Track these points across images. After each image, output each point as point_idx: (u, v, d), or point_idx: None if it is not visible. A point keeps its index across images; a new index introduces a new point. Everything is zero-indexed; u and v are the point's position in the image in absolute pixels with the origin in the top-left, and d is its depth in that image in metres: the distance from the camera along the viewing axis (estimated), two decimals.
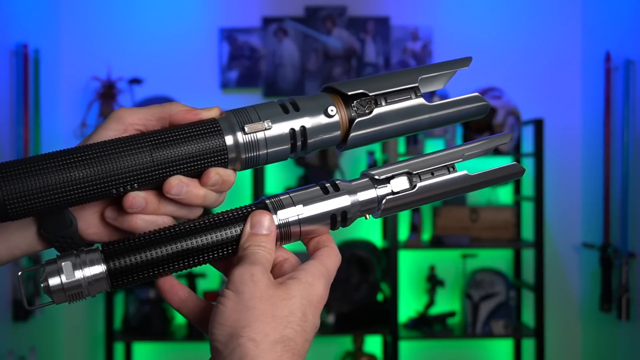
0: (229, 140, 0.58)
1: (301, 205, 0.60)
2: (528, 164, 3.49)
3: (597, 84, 3.33)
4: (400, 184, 0.62)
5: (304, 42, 3.56)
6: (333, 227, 0.62)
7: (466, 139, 3.38)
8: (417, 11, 3.59)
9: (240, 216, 0.59)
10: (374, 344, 3.51)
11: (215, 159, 0.58)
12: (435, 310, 3.42)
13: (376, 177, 0.62)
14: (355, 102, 0.61)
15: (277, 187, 3.42)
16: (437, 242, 3.31)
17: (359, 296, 3.23)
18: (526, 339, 3.46)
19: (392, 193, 0.62)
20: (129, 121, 0.58)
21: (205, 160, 0.58)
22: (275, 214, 0.59)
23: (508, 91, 3.39)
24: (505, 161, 3.50)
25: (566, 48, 3.59)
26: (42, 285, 0.55)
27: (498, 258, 3.56)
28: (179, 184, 0.57)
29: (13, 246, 0.60)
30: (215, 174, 0.58)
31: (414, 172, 0.63)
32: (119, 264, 0.56)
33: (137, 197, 0.57)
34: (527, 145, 3.46)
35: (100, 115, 3.28)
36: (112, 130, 0.58)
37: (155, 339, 3.28)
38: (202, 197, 0.59)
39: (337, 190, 0.61)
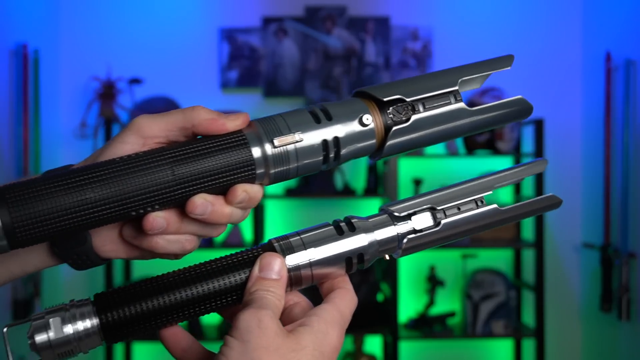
0: (256, 153, 0.53)
1: (313, 248, 0.54)
2: None
3: (597, 84, 3.33)
4: (423, 221, 0.57)
5: (304, 42, 3.56)
6: (349, 269, 0.56)
7: (466, 140, 3.38)
8: (417, 11, 3.59)
9: (246, 260, 0.54)
10: (374, 344, 3.51)
11: (242, 174, 0.53)
12: (435, 310, 3.42)
13: (396, 213, 0.57)
14: (391, 108, 0.56)
15: (276, 189, 3.42)
16: None
17: (359, 296, 3.20)
18: (526, 339, 3.46)
19: (414, 231, 0.57)
20: (148, 133, 0.53)
21: (231, 176, 0.53)
22: (284, 257, 0.54)
23: (508, 91, 3.39)
24: (506, 162, 3.51)
25: (566, 48, 3.59)
26: (29, 341, 0.50)
27: (498, 258, 3.56)
28: (203, 204, 0.52)
29: (25, 262, 0.57)
30: (243, 191, 0.53)
31: (438, 207, 0.57)
32: (112, 317, 0.51)
33: (158, 219, 0.53)
34: (527, 145, 3.46)
35: (100, 115, 3.28)
36: (130, 144, 0.53)
37: (156, 339, 3.27)
38: (227, 215, 0.54)
39: (353, 230, 0.55)
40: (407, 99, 0.57)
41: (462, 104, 0.58)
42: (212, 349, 0.57)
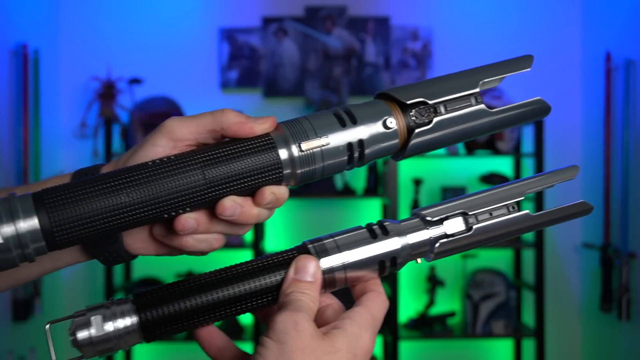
0: (283, 155, 0.55)
1: (347, 251, 0.55)
2: (528, 164, 3.49)
3: (597, 84, 3.33)
4: (455, 225, 0.58)
5: (304, 42, 3.56)
6: (382, 272, 0.57)
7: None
8: (417, 11, 3.59)
9: (282, 262, 0.55)
10: None
11: (270, 175, 0.55)
12: (435, 310, 3.42)
13: (428, 217, 0.57)
14: (413, 110, 0.58)
15: None
16: None
17: None
18: (526, 339, 3.46)
19: (446, 236, 0.57)
20: (179, 136, 0.55)
21: (260, 178, 0.54)
22: (319, 260, 0.55)
23: (508, 91, 3.39)
24: (506, 162, 3.51)
25: (566, 48, 3.59)
26: (70, 338, 0.52)
27: (498, 258, 3.56)
28: (232, 206, 0.54)
29: (57, 258, 0.59)
30: (270, 193, 0.55)
31: (470, 213, 0.58)
32: (151, 316, 0.53)
33: (189, 220, 0.54)
34: (527, 145, 3.46)
35: (100, 115, 3.28)
36: (161, 147, 0.55)
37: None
38: (255, 216, 0.56)
39: (386, 233, 0.56)
40: (430, 102, 0.58)
41: (483, 106, 0.59)
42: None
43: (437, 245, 0.57)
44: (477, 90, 0.59)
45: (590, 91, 3.48)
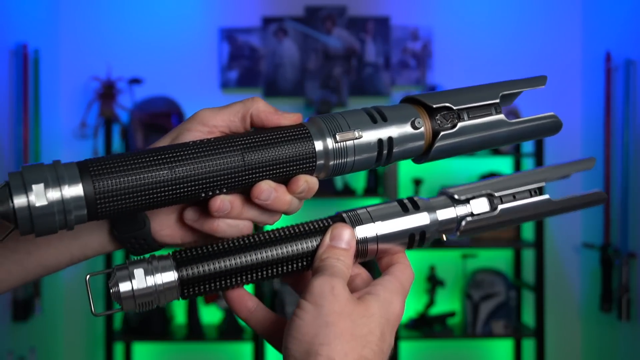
0: (318, 146, 0.57)
1: (380, 222, 0.58)
2: (528, 163, 3.49)
3: (597, 84, 3.33)
4: (480, 205, 0.61)
5: (304, 42, 3.56)
6: (410, 246, 0.60)
7: None
8: (417, 11, 3.59)
9: (317, 229, 0.58)
10: None
11: (304, 165, 0.57)
12: (435, 310, 3.42)
13: (455, 196, 0.60)
14: (438, 115, 0.61)
15: None
16: (437, 242, 3.31)
17: None
18: (526, 339, 3.46)
19: (472, 214, 0.60)
20: (212, 123, 0.57)
21: (295, 166, 0.57)
22: (354, 228, 0.57)
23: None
24: (506, 162, 3.51)
25: (566, 48, 3.59)
26: (111, 290, 0.53)
27: (498, 258, 3.56)
28: (268, 189, 0.56)
29: (85, 245, 0.59)
30: (304, 181, 0.57)
31: (496, 194, 0.61)
32: (191, 273, 0.54)
33: (225, 201, 0.56)
34: (527, 145, 3.46)
35: (100, 115, 3.28)
36: (198, 132, 0.57)
37: (155, 339, 3.27)
38: (287, 203, 0.57)
39: (417, 208, 0.59)
40: (455, 107, 0.61)
41: (502, 116, 0.63)
42: (211, 349, 0.58)
43: (463, 223, 0.60)
44: (497, 101, 0.62)
45: (590, 91, 3.48)
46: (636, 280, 2.98)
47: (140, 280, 0.53)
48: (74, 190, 0.49)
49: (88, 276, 0.56)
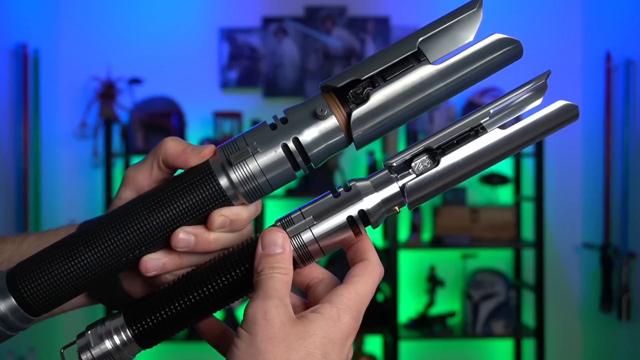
0: (222, 180, 0.53)
1: (311, 217, 0.53)
2: (528, 163, 3.49)
3: (597, 84, 3.33)
4: (421, 164, 0.53)
5: (304, 42, 3.56)
6: (357, 231, 0.54)
7: None
8: (417, 11, 3.59)
9: (251, 244, 0.54)
10: (374, 344, 3.50)
11: (216, 203, 0.53)
12: (435, 310, 3.42)
13: (394, 163, 0.53)
14: (349, 93, 0.52)
15: (279, 191, 3.42)
16: (437, 242, 3.31)
17: None
18: (526, 339, 3.46)
19: (413, 177, 0.53)
20: (140, 184, 0.56)
21: (206, 207, 0.53)
22: (285, 230, 0.53)
23: (506, 89, 3.39)
24: (505, 162, 3.50)
25: (566, 48, 3.59)
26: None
27: (498, 258, 3.56)
28: (185, 237, 0.54)
29: (61, 307, 0.60)
30: (219, 215, 0.54)
31: (435, 147, 0.53)
32: (142, 326, 0.54)
33: (151, 261, 0.55)
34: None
35: (100, 115, 3.28)
36: (130, 192, 0.57)
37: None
38: (214, 241, 0.55)
39: (349, 191, 0.53)
40: (363, 78, 0.52)
41: (427, 65, 0.52)
42: (211, 349, 0.58)
43: (406, 187, 0.53)
44: (415, 50, 0.53)
45: (590, 91, 3.48)
46: (636, 280, 2.97)
47: (97, 346, 0.55)
48: (8, 303, 0.53)
49: (62, 350, 0.58)
